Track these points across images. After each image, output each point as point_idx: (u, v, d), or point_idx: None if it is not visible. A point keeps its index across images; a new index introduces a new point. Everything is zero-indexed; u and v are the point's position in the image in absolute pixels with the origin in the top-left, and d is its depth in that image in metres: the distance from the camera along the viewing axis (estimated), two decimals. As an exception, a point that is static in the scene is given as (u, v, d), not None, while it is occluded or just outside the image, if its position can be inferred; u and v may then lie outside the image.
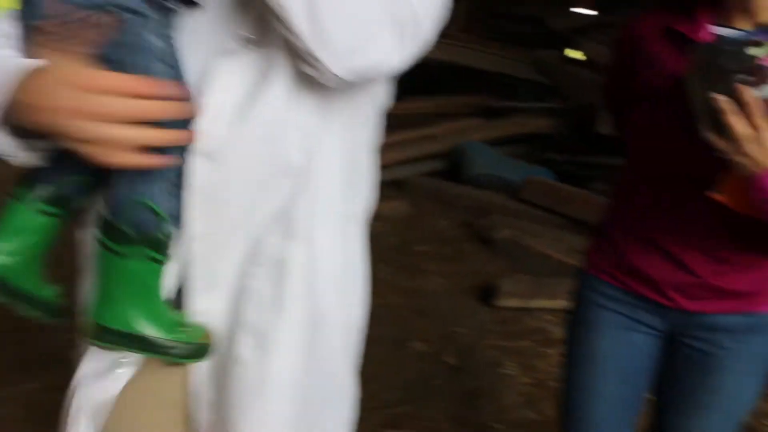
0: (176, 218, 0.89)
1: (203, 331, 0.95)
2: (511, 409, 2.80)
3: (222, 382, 0.95)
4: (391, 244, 4.18)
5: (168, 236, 0.89)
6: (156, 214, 0.87)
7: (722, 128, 1.10)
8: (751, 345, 1.41)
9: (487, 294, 3.72)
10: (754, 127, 1.09)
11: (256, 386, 0.93)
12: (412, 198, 4.87)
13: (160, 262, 0.90)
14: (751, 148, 1.10)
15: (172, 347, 0.91)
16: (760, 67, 1.07)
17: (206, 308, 0.94)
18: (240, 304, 0.93)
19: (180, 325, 0.92)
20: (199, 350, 0.94)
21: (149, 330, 0.90)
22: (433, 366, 3.06)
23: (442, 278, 3.95)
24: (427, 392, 2.85)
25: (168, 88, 0.80)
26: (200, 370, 0.96)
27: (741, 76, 1.08)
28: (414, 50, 0.88)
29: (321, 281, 0.96)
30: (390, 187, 4.75)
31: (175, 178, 0.88)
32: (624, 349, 1.49)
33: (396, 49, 0.85)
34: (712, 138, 1.13)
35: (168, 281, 0.92)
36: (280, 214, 0.91)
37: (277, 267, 0.92)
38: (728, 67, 1.09)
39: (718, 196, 1.21)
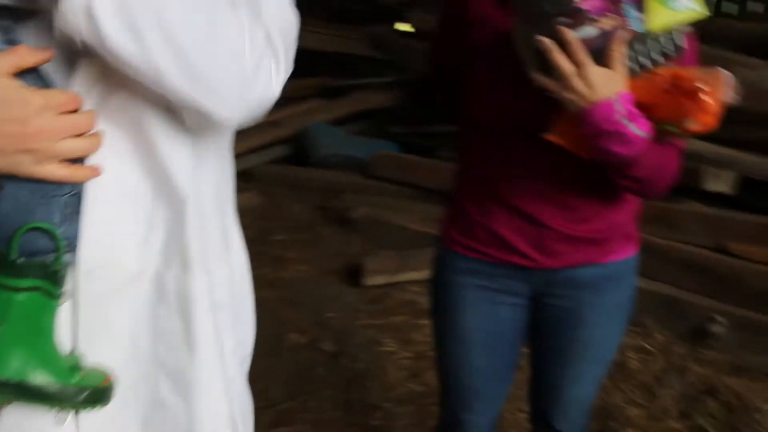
0: (73, 247, 0.81)
1: (103, 375, 0.86)
2: (396, 385, 2.84)
3: (152, 428, 0.89)
4: (248, 236, 4.00)
5: (65, 267, 0.80)
6: (55, 240, 0.78)
7: (549, 68, 1.17)
8: (610, 294, 1.49)
9: (353, 275, 3.73)
10: (576, 63, 1.16)
11: (187, 428, 0.89)
12: (263, 187, 4.77)
13: (56, 298, 0.80)
14: (576, 84, 1.17)
15: (68, 395, 0.81)
16: (578, 10, 1.16)
17: (103, 350, 0.86)
18: (154, 344, 0.87)
19: (76, 369, 0.83)
20: (98, 396, 0.85)
21: (41, 377, 0.80)
22: (312, 355, 3.04)
23: (306, 265, 3.91)
24: (311, 383, 2.83)
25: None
26: (128, 418, 0.89)
27: (561, 19, 1.16)
28: (288, 68, 0.87)
29: (221, 309, 0.93)
30: (239, 178, 4.58)
31: (74, 202, 0.80)
32: (490, 324, 1.54)
33: (275, 75, 0.84)
34: (541, 79, 1.20)
35: (61, 320, 0.83)
36: (172, 246, 0.86)
37: (182, 302, 0.87)
38: (549, 11, 1.17)
39: (553, 138, 1.27)
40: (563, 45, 1.16)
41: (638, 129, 1.18)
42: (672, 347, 3.07)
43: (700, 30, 1.31)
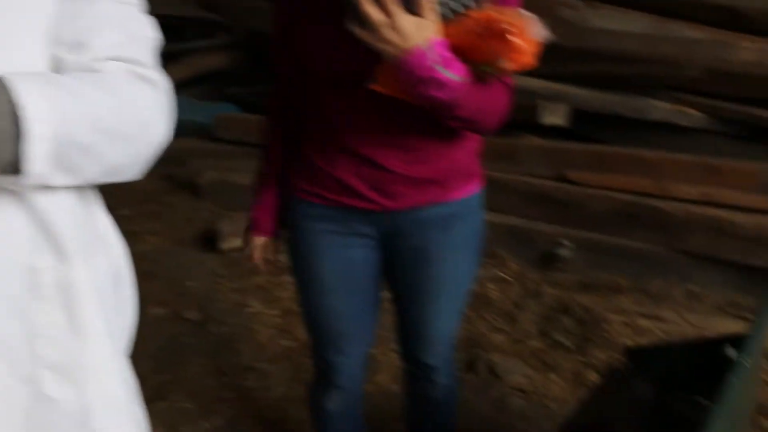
0: None
1: None
2: (267, 344, 2.82)
3: (38, 424, 0.86)
4: (91, 214, 3.86)
5: None
6: None
7: (364, 20, 1.21)
8: (456, 231, 1.54)
9: (208, 241, 3.64)
10: (387, 14, 1.19)
11: (80, 422, 0.87)
12: (100, 161, 4.51)
13: None
14: (388, 34, 1.20)
15: None
16: None
17: None
18: (29, 342, 0.83)
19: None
20: None
21: None
22: (177, 326, 2.95)
23: (158, 236, 3.77)
24: (180, 354, 2.75)
25: None
26: (6, 419, 0.84)
27: None
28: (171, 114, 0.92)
29: (105, 298, 0.91)
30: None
31: None
32: (345, 267, 1.57)
33: (163, 126, 0.90)
34: (357, 30, 1.22)
35: None
36: (43, 239, 0.82)
37: (64, 294, 0.84)
38: None
39: (377, 87, 1.30)
40: None
41: (453, 73, 1.21)
42: (526, 274, 3.26)
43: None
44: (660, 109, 3.44)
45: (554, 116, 3.46)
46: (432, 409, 1.83)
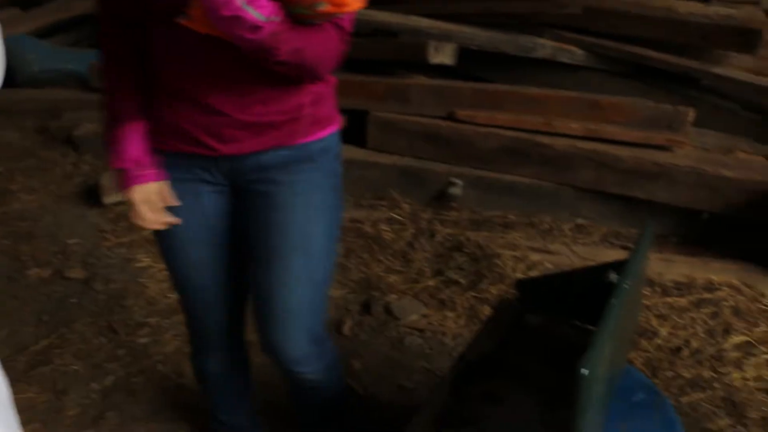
0: None
1: None
2: (158, 298, 2.74)
3: None
4: (-43, 174, 3.59)
5: None
6: None
7: None
8: (304, 177, 1.46)
9: (90, 196, 3.46)
10: None
11: None
12: (-36, 117, 4.19)
13: None
14: None
15: None
16: None
17: None
18: None
19: None
20: None
21: None
22: (60, 287, 2.81)
23: (35, 194, 3.56)
24: (65, 315, 2.63)
25: None
26: None
27: None
28: None
29: None
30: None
31: None
32: (198, 215, 1.51)
33: None
34: None
35: None
36: None
37: None
38: None
39: (189, 23, 1.25)
40: None
41: (260, 13, 1.15)
42: (419, 214, 3.28)
43: None
44: (544, 46, 3.51)
45: (442, 55, 3.45)
46: (308, 400, 1.75)
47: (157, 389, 2.27)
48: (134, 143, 1.42)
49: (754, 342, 2.53)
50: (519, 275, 2.80)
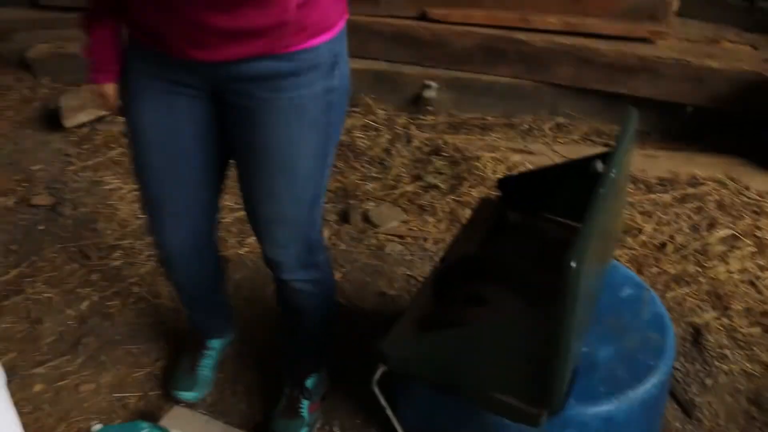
0: None
1: None
2: (130, 220, 2.65)
3: None
4: None
5: None
6: None
7: None
8: (290, 94, 1.32)
9: (51, 119, 3.31)
10: None
11: None
12: None
13: None
14: None
15: None
16: None
17: None
18: None
19: None
20: None
21: None
22: (27, 214, 2.70)
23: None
24: (34, 243, 2.53)
25: None
26: None
27: None
28: None
29: None
30: None
31: None
32: (165, 116, 1.40)
33: None
34: None
35: None
36: None
37: None
38: None
39: None
40: None
41: None
42: (395, 119, 3.18)
43: None
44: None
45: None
46: (293, 312, 1.69)
47: (133, 312, 2.21)
48: (106, 43, 1.37)
49: (738, 235, 2.50)
50: (500, 177, 2.73)
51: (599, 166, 1.33)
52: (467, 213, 2.57)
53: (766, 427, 1.85)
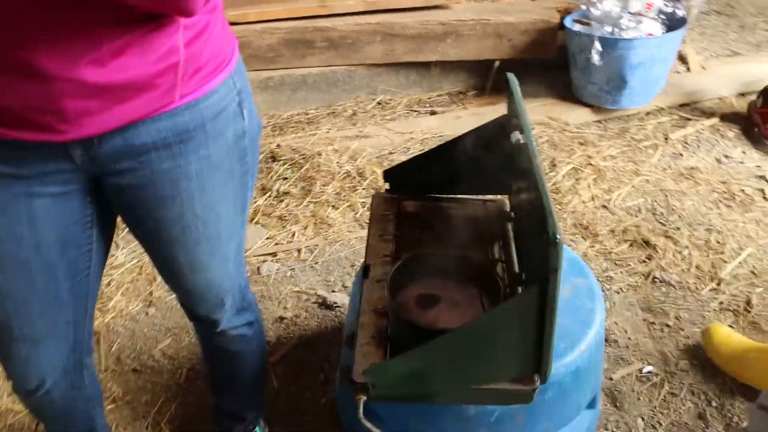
0: None
1: None
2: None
3: None
4: None
5: None
6: None
7: None
8: (195, 156, 1.08)
9: None
10: None
11: None
12: None
13: None
14: None
15: None
16: None
17: None
18: None
19: None
20: None
21: None
22: None
23: None
24: None
25: None
26: None
27: None
28: None
29: None
30: None
31: None
32: (23, 227, 1.05)
33: None
34: None
35: None
36: None
37: None
38: None
39: None
40: None
41: None
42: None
43: None
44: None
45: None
46: (231, 360, 1.51)
47: None
48: None
49: (577, 167, 2.68)
50: (348, 167, 2.70)
51: (520, 136, 1.34)
52: (331, 211, 2.52)
53: (665, 326, 2.02)
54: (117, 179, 1.07)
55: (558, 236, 1.05)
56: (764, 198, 2.55)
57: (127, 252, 2.36)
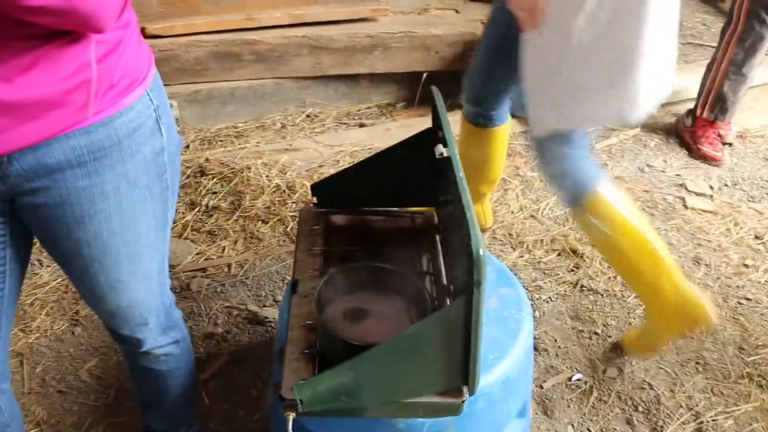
0: None
1: None
2: None
3: None
4: None
5: None
6: None
7: None
8: (110, 174, 1.07)
9: None
10: None
11: None
12: None
13: None
14: None
15: None
16: None
17: None
18: None
19: None
20: None
21: None
22: None
23: None
24: None
25: None
26: None
27: None
28: None
29: None
30: None
31: None
32: None
33: None
34: None
35: None
36: None
37: None
38: None
39: None
40: None
41: None
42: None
43: None
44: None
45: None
46: (158, 380, 1.48)
47: None
48: None
49: (505, 177, 2.73)
50: (277, 181, 2.68)
51: (445, 150, 1.35)
52: (260, 226, 2.49)
53: (594, 334, 2.07)
54: (31, 198, 1.05)
55: (480, 251, 1.06)
56: (684, 206, 2.65)
57: (51, 270, 2.28)
